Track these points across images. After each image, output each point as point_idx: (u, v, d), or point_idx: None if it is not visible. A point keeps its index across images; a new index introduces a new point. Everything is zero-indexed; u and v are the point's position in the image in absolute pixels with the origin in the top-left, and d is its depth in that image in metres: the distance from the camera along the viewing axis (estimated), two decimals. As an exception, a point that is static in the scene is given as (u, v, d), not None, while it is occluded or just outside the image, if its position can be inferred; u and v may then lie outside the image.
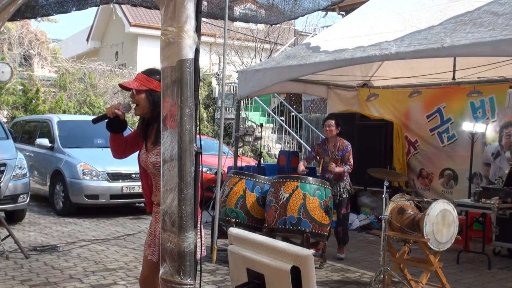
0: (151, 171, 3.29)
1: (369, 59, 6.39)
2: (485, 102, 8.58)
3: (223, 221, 6.54)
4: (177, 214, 2.84)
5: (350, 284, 5.86)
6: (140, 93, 3.18)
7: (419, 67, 8.56)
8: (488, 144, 8.57)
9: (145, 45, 21.28)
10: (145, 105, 3.20)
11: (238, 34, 19.80)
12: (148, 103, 3.18)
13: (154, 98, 3.16)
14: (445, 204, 5.14)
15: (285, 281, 2.21)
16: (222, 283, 5.67)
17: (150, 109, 3.19)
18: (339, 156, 6.96)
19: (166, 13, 2.86)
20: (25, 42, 17.39)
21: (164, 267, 2.89)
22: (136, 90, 3.18)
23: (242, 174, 6.79)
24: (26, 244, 7.08)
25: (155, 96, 3.14)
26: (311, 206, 6.09)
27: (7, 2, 3.99)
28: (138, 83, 3.19)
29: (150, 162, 3.23)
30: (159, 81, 3.13)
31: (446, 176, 9.08)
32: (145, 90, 3.17)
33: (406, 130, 9.54)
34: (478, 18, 5.74)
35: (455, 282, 5.92)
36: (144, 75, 3.23)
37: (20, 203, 8.45)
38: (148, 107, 3.19)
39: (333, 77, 8.84)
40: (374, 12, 7.77)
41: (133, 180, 9.76)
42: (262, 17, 6.54)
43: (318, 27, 19.37)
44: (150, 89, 3.17)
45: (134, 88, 3.18)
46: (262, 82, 7.59)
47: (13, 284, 5.38)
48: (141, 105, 3.20)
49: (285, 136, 15.82)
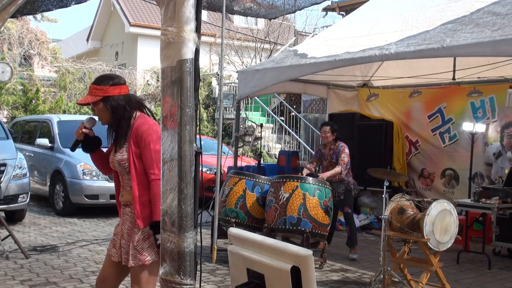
0: (118, 171, 3.31)
1: (369, 59, 6.38)
2: (485, 102, 8.59)
3: (223, 221, 6.54)
4: (177, 214, 2.84)
5: (350, 284, 5.86)
6: (97, 104, 3.21)
7: (419, 67, 8.56)
8: (489, 144, 8.57)
9: (145, 45, 21.27)
10: (106, 113, 3.22)
11: (238, 34, 19.80)
12: (107, 110, 3.21)
13: (111, 104, 3.19)
14: (445, 204, 5.14)
15: (285, 281, 2.21)
16: (222, 283, 5.67)
17: (111, 115, 3.22)
18: (334, 159, 6.98)
19: (166, 13, 2.86)
20: (25, 42, 17.38)
21: (164, 267, 2.90)
22: (93, 103, 3.20)
23: (242, 174, 6.79)
24: (26, 244, 7.08)
25: (111, 101, 3.19)
26: (311, 206, 6.09)
27: (7, 2, 3.99)
28: (91, 95, 3.21)
29: (116, 160, 3.27)
30: (110, 85, 3.19)
31: (448, 176, 9.08)
32: (99, 99, 3.19)
33: (407, 130, 9.54)
34: (478, 18, 5.74)
35: (455, 282, 5.92)
36: (94, 85, 3.24)
37: (20, 203, 8.46)
38: (109, 114, 3.22)
39: (333, 77, 8.84)
40: (374, 12, 7.77)
41: (133, 180, 9.74)
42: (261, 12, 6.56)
43: (318, 27, 19.38)
44: (104, 97, 3.18)
45: (89, 102, 3.20)
46: (262, 82, 7.59)
47: (13, 284, 5.38)
48: (103, 115, 3.24)
49: (285, 136, 15.81)
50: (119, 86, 3.23)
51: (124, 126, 3.22)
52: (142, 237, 3.20)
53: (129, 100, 3.26)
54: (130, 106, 3.24)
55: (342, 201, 6.98)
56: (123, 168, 3.25)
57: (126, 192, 3.30)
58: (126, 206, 3.32)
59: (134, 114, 3.26)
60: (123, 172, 3.30)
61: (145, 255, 3.18)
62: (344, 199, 6.97)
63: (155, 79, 18.70)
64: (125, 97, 3.24)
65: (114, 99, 3.19)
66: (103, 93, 3.19)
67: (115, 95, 3.19)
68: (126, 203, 3.32)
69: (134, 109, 3.27)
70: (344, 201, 6.99)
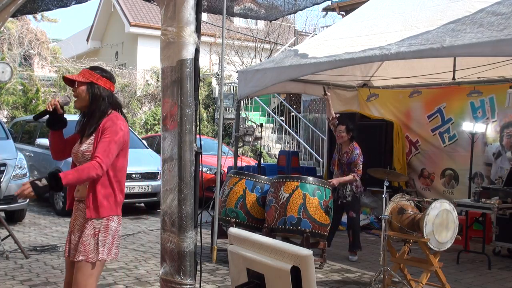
0: (80, 163, 3.29)
1: (369, 59, 6.38)
2: (485, 102, 8.58)
3: (223, 221, 6.54)
4: (177, 214, 2.84)
5: (350, 284, 5.85)
6: (81, 85, 3.27)
7: (419, 67, 8.55)
8: (489, 144, 8.57)
9: (145, 45, 21.27)
10: (85, 97, 3.28)
11: (238, 34, 19.80)
12: (87, 95, 3.27)
13: (93, 91, 3.26)
14: (445, 204, 5.14)
15: (285, 281, 2.21)
16: (222, 283, 5.67)
17: (89, 101, 3.28)
18: (345, 162, 6.88)
19: (166, 13, 2.86)
20: (25, 42, 17.38)
21: (164, 267, 2.90)
22: (78, 83, 3.27)
23: (242, 174, 6.79)
24: (26, 244, 7.08)
25: (95, 89, 3.26)
26: (311, 206, 6.08)
27: (7, 2, 4.00)
28: (81, 76, 3.29)
29: (80, 150, 3.28)
30: (100, 75, 3.29)
31: (447, 176, 9.08)
32: (86, 82, 3.26)
33: (407, 130, 9.54)
34: (478, 18, 5.74)
35: (455, 282, 5.92)
36: (88, 69, 3.34)
37: (20, 203, 8.45)
38: (87, 99, 3.28)
39: (333, 77, 8.83)
40: (374, 12, 7.77)
41: (133, 180, 9.76)
42: (262, 14, 6.56)
43: (318, 27, 19.37)
44: (91, 82, 3.26)
45: (77, 80, 3.27)
46: (262, 82, 7.58)
47: (13, 284, 5.38)
48: (81, 98, 3.29)
49: (285, 136, 15.81)
50: (108, 81, 3.32)
51: (96, 116, 3.25)
52: (92, 233, 3.19)
53: (111, 96, 3.32)
54: (109, 102, 3.29)
55: (348, 204, 6.86)
56: (85, 160, 3.23)
57: (82, 187, 3.29)
58: (81, 202, 3.31)
59: (109, 111, 3.29)
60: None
61: (91, 251, 3.18)
62: (350, 202, 6.85)
63: (155, 79, 18.70)
64: (109, 92, 3.31)
65: (98, 88, 3.27)
66: (92, 78, 3.27)
67: (100, 85, 3.27)
68: (81, 198, 3.31)
69: (111, 107, 3.32)
70: (350, 205, 6.87)
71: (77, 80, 3.26)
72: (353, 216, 6.92)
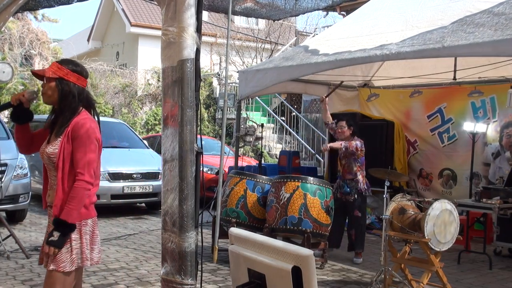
0: (46, 165, 3.16)
1: (369, 59, 6.37)
2: (486, 102, 8.58)
3: (224, 221, 6.54)
4: (178, 214, 2.84)
5: (351, 284, 5.85)
6: (51, 81, 3.09)
7: (420, 67, 8.55)
8: (488, 144, 8.57)
9: (146, 45, 21.28)
10: (53, 93, 3.10)
11: (239, 34, 19.80)
12: (56, 91, 3.09)
13: (63, 87, 3.07)
14: (446, 204, 5.14)
15: (286, 281, 2.21)
16: (223, 283, 5.67)
17: (58, 98, 3.10)
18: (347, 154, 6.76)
19: (167, 13, 2.86)
20: (26, 42, 17.40)
21: (165, 267, 2.90)
22: (47, 78, 3.10)
23: (243, 174, 6.79)
24: (27, 244, 7.09)
25: (64, 85, 3.07)
26: (312, 206, 6.08)
27: (8, 2, 4.00)
28: (50, 70, 3.10)
29: (46, 152, 3.11)
30: (70, 70, 3.10)
31: (445, 176, 9.07)
32: (55, 78, 3.08)
33: (406, 130, 9.53)
34: (478, 18, 5.74)
35: (456, 282, 5.92)
36: (57, 63, 3.14)
37: (21, 203, 8.46)
38: (56, 96, 3.10)
39: (334, 77, 8.83)
40: (374, 12, 7.77)
41: (134, 180, 9.76)
42: (264, 13, 6.59)
43: (318, 27, 19.36)
44: (60, 77, 3.08)
45: (44, 74, 3.10)
46: (262, 82, 7.59)
47: (14, 284, 5.39)
48: (49, 93, 3.11)
49: (286, 136, 15.81)
50: (80, 76, 3.13)
51: (67, 115, 3.08)
52: None
53: (82, 93, 3.13)
54: (79, 99, 3.11)
55: (354, 203, 6.77)
56: (51, 163, 3.09)
57: (53, 191, 3.11)
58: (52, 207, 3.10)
59: (80, 109, 3.12)
60: (50, 168, 3.13)
61: (62, 260, 3.01)
62: (356, 201, 6.76)
63: (156, 79, 18.72)
64: (79, 88, 3.12)
65: (68, 84, 3.08)
66: (61, 73, 3.08)
67: (71, 81, 3.09)
68: (51, 203, 3.12)
69: (82, 104, 3.14)
70: (356, 204, 6.77)
71: (45, 76, 3.10)
72: (358, 216, 6.82)
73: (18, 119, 3.23)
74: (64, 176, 3.02)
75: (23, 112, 3.20)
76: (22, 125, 3.24)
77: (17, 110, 3.20)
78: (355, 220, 6.85)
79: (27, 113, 3.21)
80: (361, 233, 6.86)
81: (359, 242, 6.85)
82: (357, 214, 6.82)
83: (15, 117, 3.22)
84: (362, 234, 6.90)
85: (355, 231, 6.84)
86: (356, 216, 6.82)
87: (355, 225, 6.85)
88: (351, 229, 6.89)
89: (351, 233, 6.88)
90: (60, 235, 2.94)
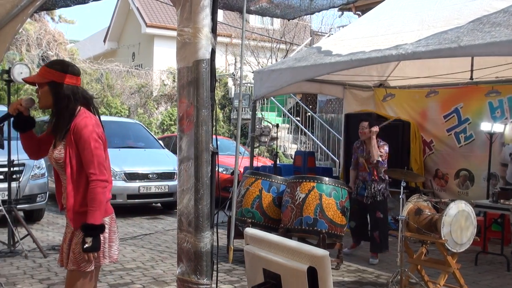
0: (57, 169, 3.17)
1: (385, 59, 6.34)
2: (504, 102, 8.49)
3: (239, 221, 6.55)
4: (194, 214, 2.85)
5: (366, 285, 5.83)
6: (43, 86, 3.07)
7: (436, 67, 8.49)
8: (506, 144, 8.48)
9: (161, 46, 21.38)
10: (47, 97, 3.07)
11: (254, 35, 19.81)
12: (50, 95, 3.06)
13: (56, 90, 3.04)
14: (463, 205, 5.09)
15: (302, 282, 2.21)
16: (238, 283, 5.68)
17: (53, 101, 3.07)
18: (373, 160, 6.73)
19: (182, 14, 2.87)
20: (43, 43, 17.57)
21: (180, 267, 2.91)
22: (39, 84, 3.07)
23: (258, 174, 6.79)
24: (44, 243, 7.16)
25: (57, 88, 3.04)
26: (328, 206, 6.07)
27: (26, 3, 4.04)
28: (40, 76, 3.07)
29: (53, 157, 3.10)
30: (60, 71, 3.06)
31: (462, 176, 8.99)
32: (46, 82, 3.05)
33: (422, 130, 9.46)
34: (495, 18, 5.68)
35: (473, 283, 5.86)
36: (46, 67, 3.10)
37: (38, 203, 8.54)
38: (51, 99, 3.07)
39: (349, 77, 8.80)
40: (390, 12, 7.72)
41: (150, 180, 9.81)
42: (278, 12, 6.57)
43: (334, 27, 19.34)
44: (52, 81, 3.04)
45: (35, 81, 3.09)
46: (277, 82, 7.58)
47: (31, 283, 5.44)
48: (45, 99, 3.08)
49: (301, 136, 15.79)
50: (69, 75, 3.07)
51: (66, 117, 3.05)
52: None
53: (76, 92, 3.09)
54: (75, 99, 3.07)
55: (375, 204, 6.75)
56: (60, 167, 3.10)
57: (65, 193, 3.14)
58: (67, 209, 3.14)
59: (78, 108, 3.09)
60: (61, 172, 3.14)
61: (82, 260, 3.03)
62: (379, 202, 6.75)
63: (171, 80, 18.79)
64: (73, 88, 3.08)
65: (60, 86, 3.04)
66: (51, 76, 3.04)
67: (62, 83, 3.04)
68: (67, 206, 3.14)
69: (79, 103, 3.10)
70: (378, 205, 6.75)
71: (36, 82, 3.08)
72: (380, 217, 6.77)
73: (21, 127, 3.20)
74: (71, 179, 3.04)
75: (24, 120, 3.18)
76: (25, 132, 3.22)
77: (17, 119, 3.17)
78: (379, 221, 6.80)
79: (28, 120, 3.19)
80: (385, 234, 6.80)
81: (384, 244, 6.80)
82: (379, 216, 6.78)
83: (17, 126, 3.19)
84: (387, 235, 6.83)
85: (379, 233, 6.79)
86: (379, 218, 6.78)
87: (379, 227, 6.79)
88: (375, 231, 6.84)
89: (375, 235, 6.82)
90: (93, 239, 2.97)
